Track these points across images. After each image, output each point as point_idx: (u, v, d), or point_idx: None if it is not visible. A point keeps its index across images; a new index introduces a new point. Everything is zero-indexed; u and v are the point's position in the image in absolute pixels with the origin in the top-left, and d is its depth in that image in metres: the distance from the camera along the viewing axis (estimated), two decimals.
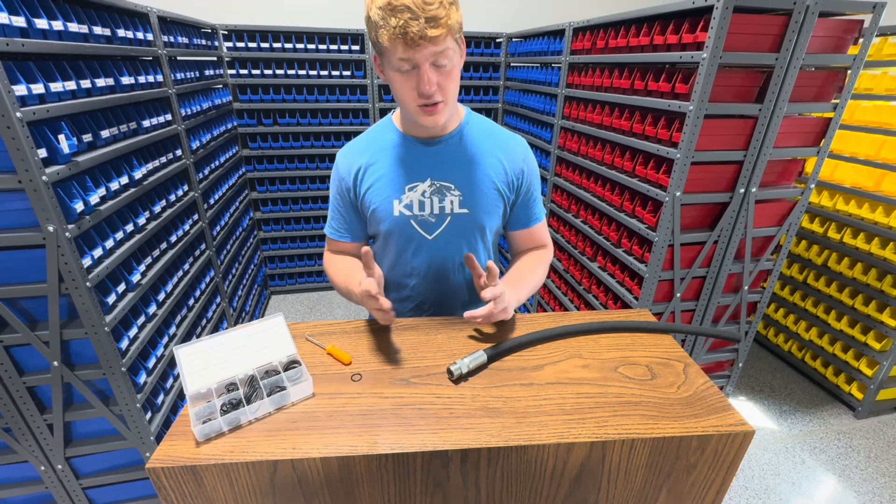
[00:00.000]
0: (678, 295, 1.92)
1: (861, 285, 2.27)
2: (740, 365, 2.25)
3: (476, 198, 1.01)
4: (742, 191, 1.75)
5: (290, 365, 0.79)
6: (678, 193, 1.69)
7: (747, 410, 2.43)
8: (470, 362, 0.81)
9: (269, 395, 0.72)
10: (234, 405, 0.70)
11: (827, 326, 2.46)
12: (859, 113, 2.29)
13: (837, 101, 1.72)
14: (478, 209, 1.02)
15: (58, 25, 1.27)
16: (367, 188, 1.01)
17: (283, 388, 0.73)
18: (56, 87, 1.25)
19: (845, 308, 2.36)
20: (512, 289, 0.97)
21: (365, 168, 1.02)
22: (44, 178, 1.12)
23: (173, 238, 1.89)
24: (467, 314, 0.85)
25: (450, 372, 0.79)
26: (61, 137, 1.22)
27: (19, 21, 1.13)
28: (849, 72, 1.68)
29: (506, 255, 3.36)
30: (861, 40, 1.62)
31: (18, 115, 1.07)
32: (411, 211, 1.01)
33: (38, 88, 1.17)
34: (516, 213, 1.10)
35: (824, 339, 2.51)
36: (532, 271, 1.08)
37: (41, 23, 1.21)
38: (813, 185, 1.84)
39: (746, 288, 1.99)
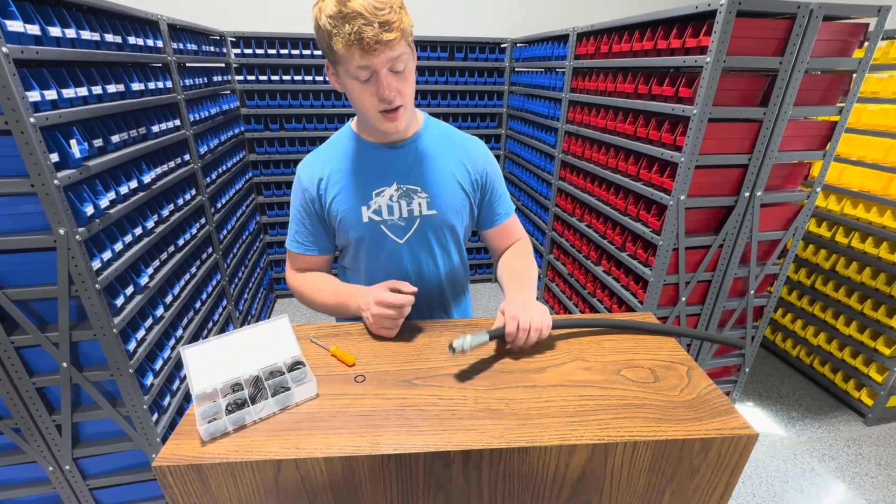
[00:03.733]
0: (683, 299, 1.92)
1: (870, 290, 2.25)
2: (747, 370, 2.23)
3: (443, 199, 1.03)
4: (747, 194, 1.75)
5: (295, 366, 0.79)
6: (682, 197, 1.69)
7: (755, 416, 2.40)
8: (472, 340, 0.81)
9: (273, 396, 0.72)
10: (239, 405, 0.71)
11: (835, 331, 2.44)
12: (866, 116, 2.28)
13: (843, 104, 1.71)
14: (446, 209, 1.04)
15: (71, 33, 1.30)
16: (333, 197, 1.00)
17: (288, 389, 0.74)
18: (68, 93, 1.27)
19: (854, 313, 2.33)
20: (521, 293, 0.96)
21: (328, 177, 1.00)
22: (55, 182, 1.15)
23: (181, 241, 1.91)
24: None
25: (451, 347, 0.80)
26: (73, 142, 1.24)
27: (34, 29, 1.16)
28: (854, 75, 1.68)
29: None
30: (866, 44, 1.62)
31: (32, 120, 1.09)
32: (380, 216, 1.01)
33: (51, 94, 1.20)
34: (486, 211, 1.12)
35: (833, 344, 2.48)
36: (524, 266, 1.09)
37: (55, 31, 1.24)
38: (819, 189, 1.83)
39: (752, 292, 1.98)
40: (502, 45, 3.29)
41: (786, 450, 2.19)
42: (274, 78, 2.98)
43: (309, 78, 3.03)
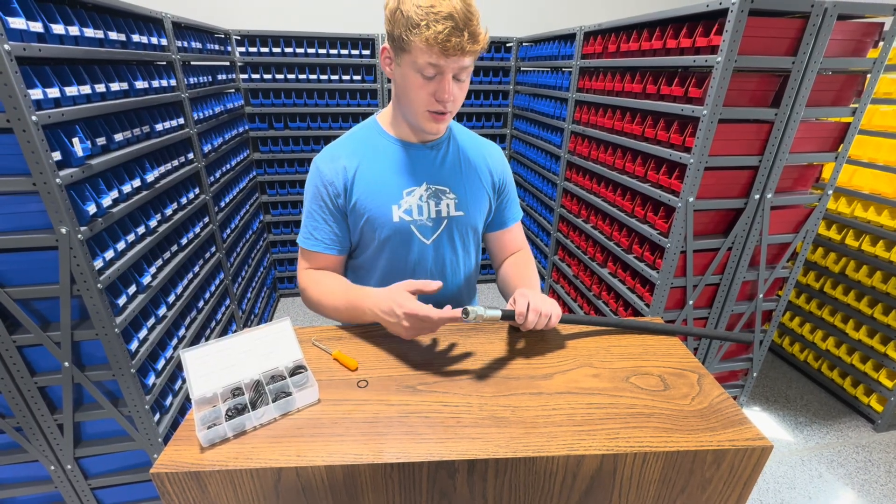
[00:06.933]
0: (690, 302, 1.89)
1: (880, 294, 2.21)
2: (755, 374, 2.20)
3: (470, 200, 1.04)
4: (757, 197, 1.72)
5: (296, 370, 0.78)
6: (691, 199, 1.66)
7: (762, 421, 2.37)
8: (486, 312, 0.81)
9: (274, 401, 0.71)
10: (240, 410, 0.70)
11: (844, 336, 2.40)
12: (878, 118, 2.24)
13: (856, 105, 1.68)
14: (473, 211, 1.04)
15: (74, 31, 1.29)
16: (361, 193, 0.97)
17: (289, 394, 0.73)
18: (71, 91, 1.26)
19: (864, 317, 2.29)
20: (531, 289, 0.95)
21: (356, 172, 0.97)
22: (57, 180, 1.14)
23: (184, 241, 1.90)
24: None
25: (465, 312, 0.79)
26: (75, 141, 1.23)
27: (36, 26, 1.15)
28: (868, 76, 1.64)
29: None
30: (881, 43, 1.58)
31: (34, 118, 1.08)
32: (411, 216, 0.99)
33: (53, 92, 1.19)
34: (498, 214, 1.13)
35: (842, 349, 2.44)
36: (531, 274, 1.09)
37: (58, 28, 1.23)
38: (830, 192, 1.80)
39: (761, 296, 1.95)
40: (508, 44, 3.26)
41: (793, 455, 2.16)
42: (279, 76, 2.97)
43: (314, 76, 3.01)
